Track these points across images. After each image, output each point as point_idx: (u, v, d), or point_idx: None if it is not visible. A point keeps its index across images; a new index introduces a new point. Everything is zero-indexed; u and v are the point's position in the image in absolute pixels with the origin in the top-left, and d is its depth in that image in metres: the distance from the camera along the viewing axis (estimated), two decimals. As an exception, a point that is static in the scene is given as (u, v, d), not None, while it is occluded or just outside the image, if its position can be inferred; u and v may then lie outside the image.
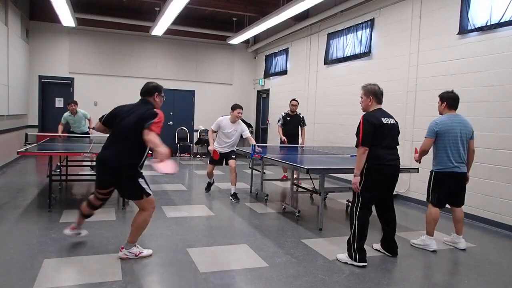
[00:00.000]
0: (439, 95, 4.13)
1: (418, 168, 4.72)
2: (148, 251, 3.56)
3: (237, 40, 10.96)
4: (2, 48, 7.65)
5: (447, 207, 4.20)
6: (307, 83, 9.52)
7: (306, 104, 9.25)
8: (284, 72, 10.76)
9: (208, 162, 6.54)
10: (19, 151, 4.79)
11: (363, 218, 3.57)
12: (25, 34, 9.67)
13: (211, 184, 6.65)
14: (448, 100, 4.05)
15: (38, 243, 3.79)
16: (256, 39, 12.04)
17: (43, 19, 10.34)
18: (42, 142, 6.35)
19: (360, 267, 3.48)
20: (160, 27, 9.71)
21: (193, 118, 12.25)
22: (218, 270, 3.31)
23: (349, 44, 7.91)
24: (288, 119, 7.53)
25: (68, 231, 3.79)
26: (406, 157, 6.09)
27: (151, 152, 3.38)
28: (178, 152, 11.80)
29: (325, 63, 8.75)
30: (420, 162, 4.20)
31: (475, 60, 5.28)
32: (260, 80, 12.23)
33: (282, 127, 7.56)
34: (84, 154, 5.03)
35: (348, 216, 5.37)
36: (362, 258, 3.51)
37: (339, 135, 8.16)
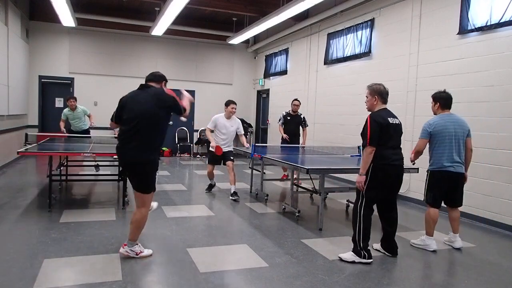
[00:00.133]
0: (432, 96, 4.13)
1: (418, 168, 4.72)
2: (148, 251, 3.56)
3: (237, 40, 10.96)
4: (2, 48, 7.66)
5: (444, 207, 4.21)
6: (307, 83, 9.52)
7: (306, 104, 9.25)
8: (284, 72, 10.76)
9: (207, 162, 6.55)
10: (19, 151, 4.79)
11: (367, 217, 3.61)
12: (25, 34, 9.67)
13: (212, 186, 6.63)
14: (441, 100, 4.05)
15: (38, 243, 3.78)
16: (256, 39, 12.04)
17: (43, 19, 10.34)
18: (42, 142, 6.35)
19: (368, 263, 3.56)
20: (160, 27, 9.71)
21: (193, 118, 12.24)
22: (218, 270, 3.31)
23: (349, 44, 7.91)
24: (289, 118, 7.53)
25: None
26: (406, 157, 6.05)
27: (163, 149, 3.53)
28: (178, 152, 11.77)
29: (325, 63, 8.75)
30: (414, 163, 4.21)
31: (475, 60, 5.28)
32: (260, 80, 12.23)
33: (283, 126, 7.56)
34: (84, 154, 5.02)
35: (348, 216, 5.40)
36: (369, 255, 3.60)
37: (339, 135, 8.16)
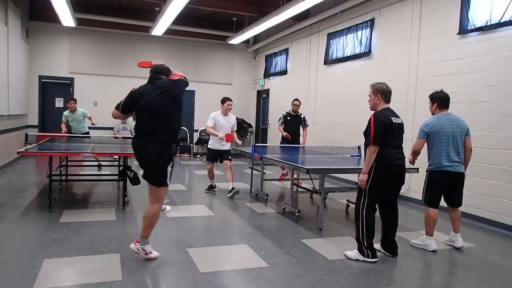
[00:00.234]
0: (429, 96, 4.13)
1: (418, 168, 4.72)
2: (155, 254, 3.52)
3: (237, 40, 10.96)
4: (2, 48, 7.65)
5: (445, 207, 4.21)
6: (307, 83, 9.52)
7: (306, 104, 9.25)
8: (284, 72, 10.76)
9: (205, 159, 6.57)
10: (19, 151, 4.79)
11: (369, 217, 3.62)
12: (25, 34, 9.67)
13: (213, 187, 6.62)
14: (438, 100, 4.05)
15: (38, 243, 3.78)
16: (256, 39, 12.04)
17: (43, 19, 10.33)
18: (42, 142, 6.35)
19: (372, 262, 3.57)
20: (160, 27, 9.71)
21: (193, 118, 12.24)
22: (218, 270, 3.31)
23: (349, 44, 7.91)
24: (289, 118, 7.52)
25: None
26: (406, 157, 6.07)
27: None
28: (178, 152, 11.79)
29: (325, 63, 8.75)
30: (413, 163, 4.21)
31: (475, 60, 5.28)
32: (260, 80, 12.23)
33: (283, 126, 7.56)
34: (84, 154, 5.02)
35: (348, 216, 5.41)
36: (373, 254, 3.61)
37: (339, 135, 8.16)
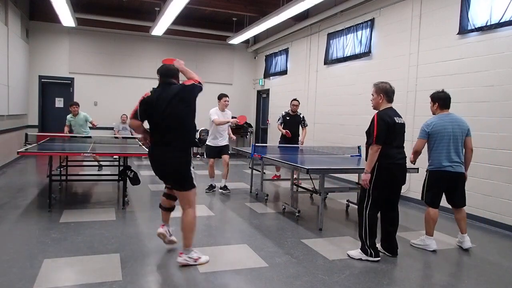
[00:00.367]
0: (430, 96, 4.12)
1: (418, 168, 4.72)
2: (205, 258, 3.43)
3: (237, 40, 10.96)
4: (2, 48, 7.66)
5: (445, 207, 4.20)
6: (307, 83, 9.52)
7: (306, 104, 9.25)
8: (284, 72, 10.76)
9: (205, 156, 6.57)
10: (19, 151, 4.79)
11: (373, 217, 3.63)
12: (25, 34, 9.67)
13: (213, 187, 6.62)
14: (439, 100, 4.04)
15: (38, 243, 3.78)
16: (256, 39, 12.03)
17: (43, 19, 10.33)
18: (42, 142, 6.36)
19: (375, 261, 3.58)
20: (160, 27, 9.71)
21: (193, 118, 12.23)
22: (218, 270, 3.31)
23: (349, 44, 7.91)
24: (288, 118, 7.51)
25: (160, 229, 3.65)
26: (406, 157, 6.07)
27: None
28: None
29: (325, 63, 8.75)
30: (414, 163, 4.21)
31: (475, 60, 5.28)
32: (260, 80, 12.23)
33: (282, 126, 7.56)
34: (84, 154, 5.02)
35: (348, 216, 5.41)
36: (376, 253, 3.62)
37: (339, 135, 8.16)
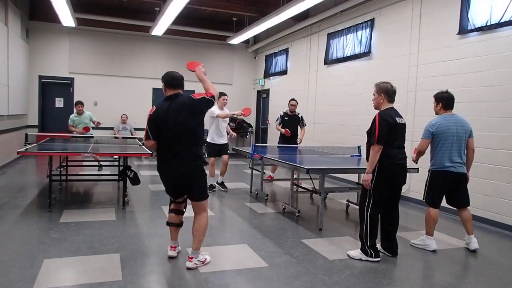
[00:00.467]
0: (434, 96, 4.12)
1: (418, 168, 4.72)
2: (209, 257, 3.46)
3: (237, 40, 10.96)
4: (2, 48, 7.65)
5: (445, 207, 4.20)
6: (307, 83, 9.52)
7: (306, 104, 9.25)
8: (284, 72, 10.76)
9: (206, 155, 6.56)
10: (19, 151, 4.79)
11: (374, 217, 3.63)
12: (25, 34, 9.66)
13: (213, 187, 6.60)
14: (443, 100, 4.04)
15: (38, 243, 3.78)
16: (256, 39, 12.03)
17: (43, 19, 10.33)
18: (42, 142, 6.35)
19: (375, 262, 3.59)
20: (160, 27, 9.71)
21: (193, 118, 12.23)
22: (218, 270, 3.31)
23: (349, 44, 7.91)
24: (286, 118, 7.49)
25: (172, 253, 3.56)
26: (408, 157, 6.08)
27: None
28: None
29: (325, 63, 8.75)
30: (417, 162, 4.21)
31: (475, 60, 5.28)
32: (260, 80, 12.23)
33: (280, 126, 7.55)
34: (84, 154, 5.02)
35: (348, 216, 5.41)
36: (376, 253, 3.63)
37: (339, 135, 8.16)
